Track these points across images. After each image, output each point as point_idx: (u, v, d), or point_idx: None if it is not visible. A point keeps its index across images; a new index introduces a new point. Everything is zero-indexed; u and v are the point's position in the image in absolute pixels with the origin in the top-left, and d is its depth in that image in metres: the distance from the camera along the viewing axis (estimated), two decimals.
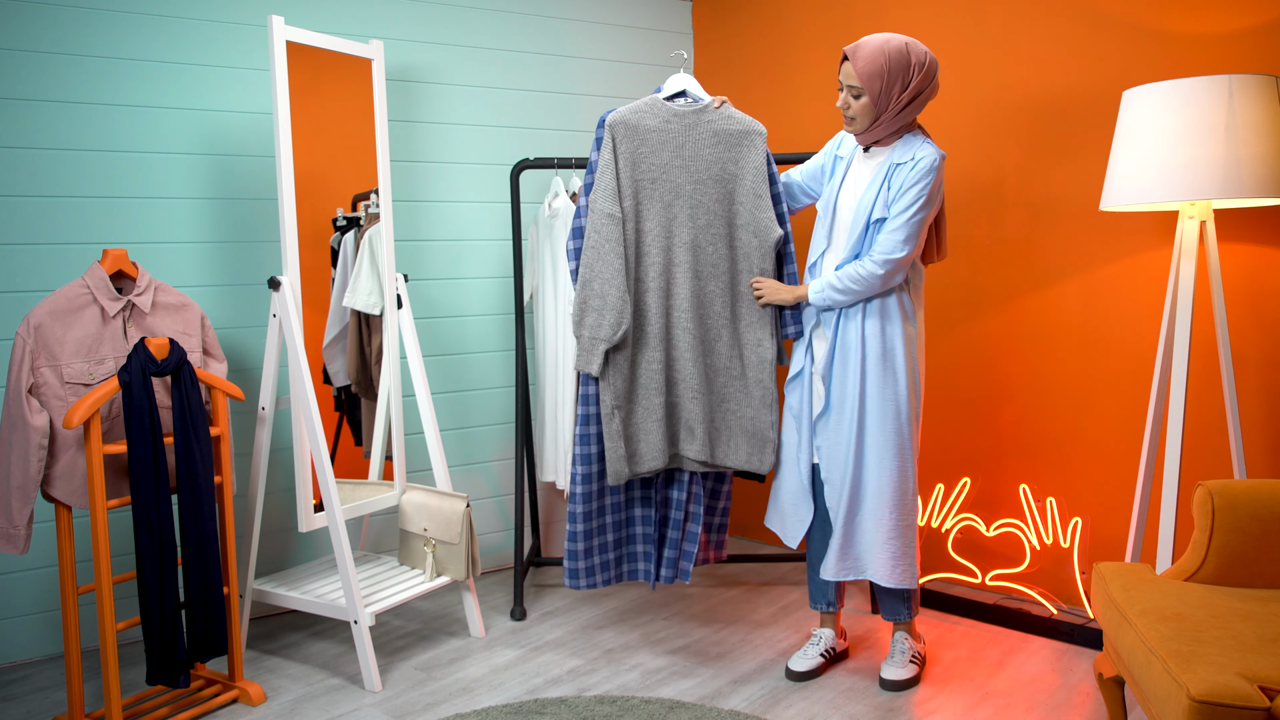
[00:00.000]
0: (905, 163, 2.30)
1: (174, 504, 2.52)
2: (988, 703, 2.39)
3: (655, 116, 2.46)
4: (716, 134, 2.49)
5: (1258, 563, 1.97)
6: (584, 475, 2.48)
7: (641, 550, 2.62)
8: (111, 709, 2.19)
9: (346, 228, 2.85)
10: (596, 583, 2.55)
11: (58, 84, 2.75)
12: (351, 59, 2.77)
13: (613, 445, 2.42)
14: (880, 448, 2.37)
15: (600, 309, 2.41)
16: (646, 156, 2.45)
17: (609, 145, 2.42)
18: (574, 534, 2.50)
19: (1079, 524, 2.80)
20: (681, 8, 3.90)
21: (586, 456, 2.48)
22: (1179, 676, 1.58)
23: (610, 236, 2.40)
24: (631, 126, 2.44)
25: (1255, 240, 2.54)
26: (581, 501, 2.48)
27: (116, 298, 2.34)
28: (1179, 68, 2.62)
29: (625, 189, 2.43)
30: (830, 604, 2.61)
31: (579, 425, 2.48)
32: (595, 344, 2.41)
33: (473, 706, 2.42)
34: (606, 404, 2.42)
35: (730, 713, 2.34)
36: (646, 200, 2.45)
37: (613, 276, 2.40)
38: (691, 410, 2.50)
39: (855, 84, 2.28)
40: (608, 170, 2.42)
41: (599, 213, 2.41)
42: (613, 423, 2.42)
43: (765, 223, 2.50)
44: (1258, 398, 2.56)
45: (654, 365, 2.48)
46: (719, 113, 2.50)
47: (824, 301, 2.40)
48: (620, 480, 2.44)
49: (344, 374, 2.88)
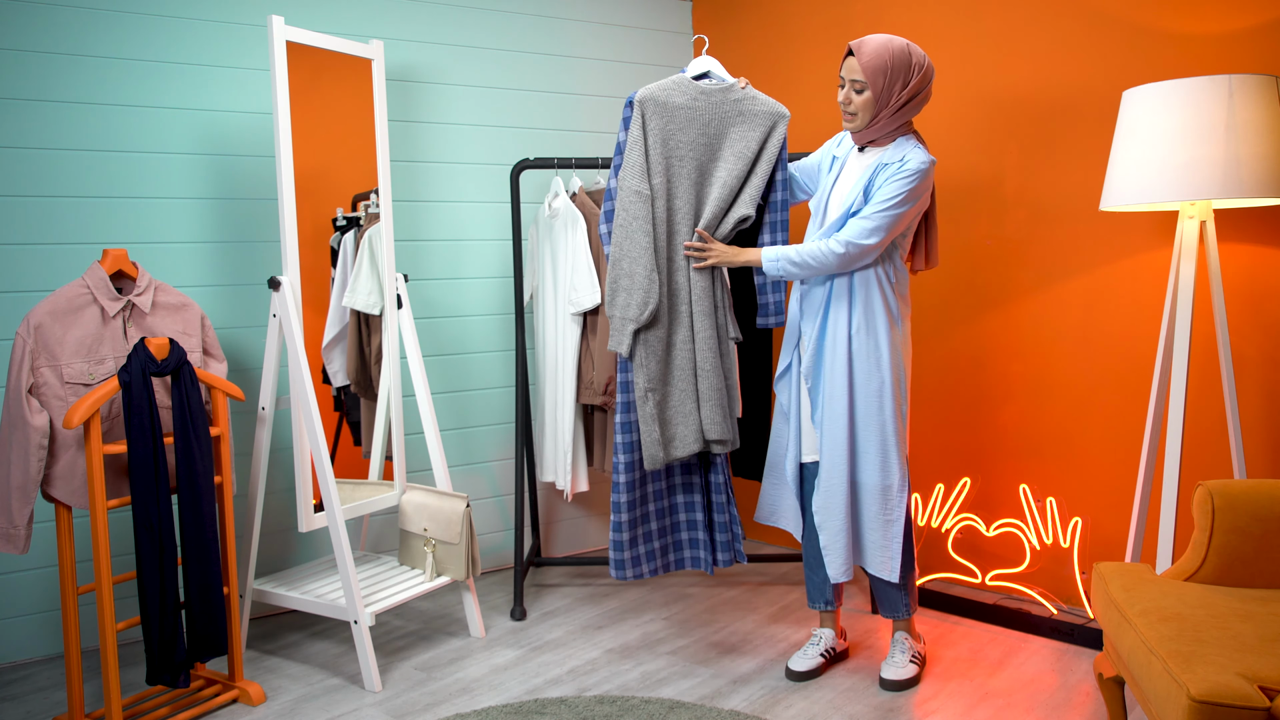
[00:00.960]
0: (893, 163, 2.31)
1: (174, 504, 2.52)
2: (988, 703, 2.39)
3: (683, 94, 2.43)
4: (743, 113, 2.47)
5: (1258, 563, 1.97)
6: (626, 464, 2.44)
7: (687, 538, 2.60)
8: (111, 709, 2.19)
9: (346, 228, 2.85)
10: (643, 572, 2.52)
11: (58, 84, 2.75)
12: (351, 59, 2.77)
13: (647, 429, 2.39)
14: (866, 441, 2.39)
15: (629, 288, 2.37)
16: (675, 134, 2.42)
17: (638, 122, 2.38)
18: (618, 524, 2.46)
19: (1079, 524, 2.80)
20: (681, 8, 3.90)
21: (628, 445, 2.44)
22: (1179, 676, 1.58)
23: (638, 214, 2.36)
24: (661, 103, 2.40)
25: (1255, 240, 2.54)
26: (625, 490, 2.44)
27: (116, 298, 2.34)
28: (1179, 68, 2.62)
29: (655, 166, 2.39)
30: (829, 602, 2.62)
31: (620, 413, 2.44)
32: (625, 324, 2.38)
33: (473, 706, 2.42)
34: (639, 386, 2.39)
35: (730, 713, 2.33)
36: (676, 177, 2.43)
37: (640, 254, 2.36)
38: (704, 388, 2.47)
39: (859, 78, 2.29)
40: (636, 147, 2.37)
41: (627, 190, 2.37)
42: (647, 405, 2.38)
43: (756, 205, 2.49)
44: (1258, 398, 2.56)
45: (687, 346, 2.45)
46: (744, 93, 2.49)
47: (777, 271, 2.39)
48: (656, 465, 2.41)
49: (344, 374, 2.88)
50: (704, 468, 2.59)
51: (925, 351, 3.24)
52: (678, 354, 2.45)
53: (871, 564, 2.44)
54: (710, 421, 2.46)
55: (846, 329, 2.38)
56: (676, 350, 2.45)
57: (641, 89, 2.41)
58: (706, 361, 2.45)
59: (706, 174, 2.46)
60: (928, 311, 3.22)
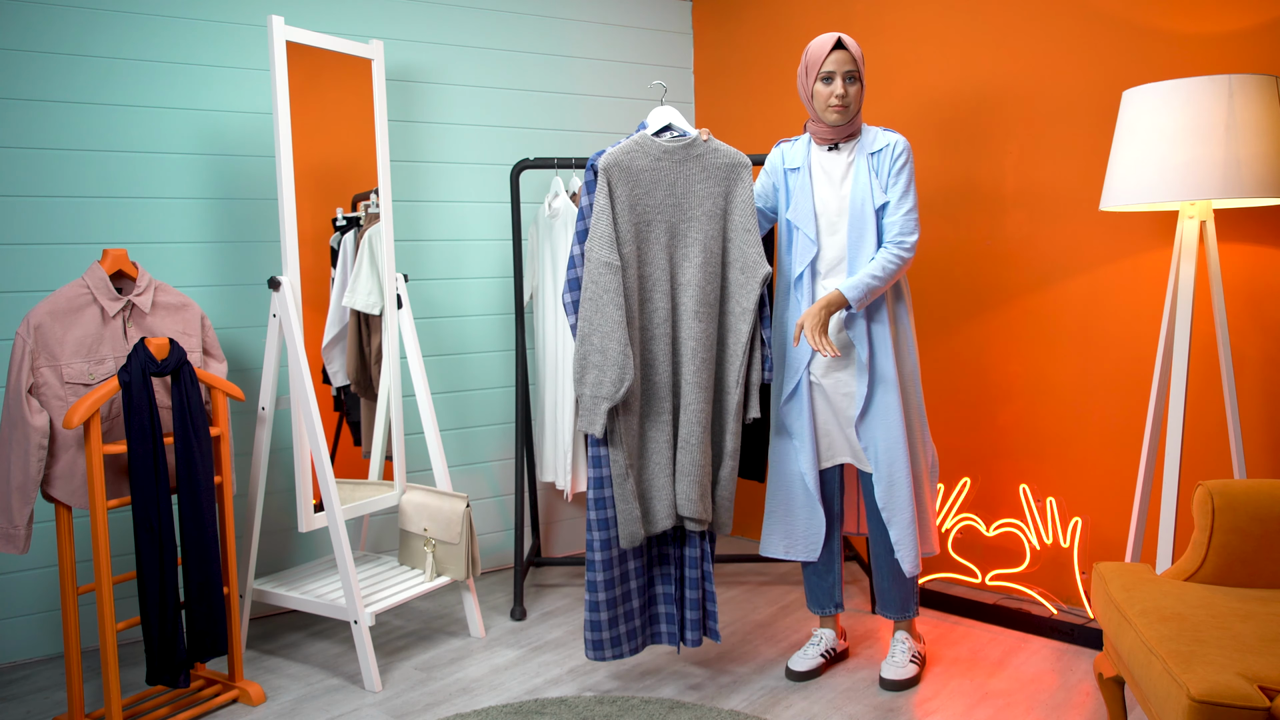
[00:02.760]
0: (883, 149, 2.40)
1: (174, 504, 2.52)
2: (988, 703, 2.39)
3: (646, 155, 2.33)
4: (705, 169, 2.37)
5: (1258, 563, 1.97)
6: (602, 541, 2.33)
7: (664, 612, 2.50)
8: (111, 709, 2.19)
9: (346, 228, 2.85)
10: (623, 652, 2.41)
11: (58, 84, 2.75)
12: (351, 59, 2.77)
13: (626, 508, 2.30)
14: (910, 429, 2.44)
15: (601, 365, 2.25)
16: (642, 198, 2.32)
17: (604, 190, 2.27)
18: (595, 604, 2.35)
19: (1079, 524, 2.80)
20: (681, 8, 3.90)
21: (603, 521, 2.34)
22: (1179, 676, 1.58)
23: (609, 286, 2.24)
24: (625, 168, 2.30)
25: (1255, 240, 2.54)
26: (602, 569, 2.34)
27: (116, 298, 2.34)
28: (1179, 68, 2.62)
29: (624, 234, 2.29)
30: (838, 605, 2.61)
31: (591, 488, 2.34)
32: (598, 402, 2.25)
33: (473, 706, 2.42)
34: (619, 465, 2.28)
35: (730, 713, 2.33)
36: (646, 243, 2.32)
37: (613, 329, 2.24)
38: (684, 462, 2.35)
39: (853, 68, 2.36)
40: (604, 216, 2.26)
41: (596, 261, 2.25)
42: (626, 484, 2.28)
43: (754, 259, 2.37)
44: (1258, 398, 2.56)
45: (664, 417, 2.35)
46: (706, 146, 2.38)
47: (864, 292, 2.33)
48: (635, 543, 2.32)
49: (344, 374, 2.88)
50: (680, 541, 2.48)
51: (926, 351, 3.24)
52: (652, 427, 2.34)
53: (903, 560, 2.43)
54: (685, 498, 2.34)
55: (890, 317, 2.43)
56: (651, 424, 2.35)
57: (605, 155, 2.30)
58: (693, 435, 2.33)
59: (678, 235, 2.36)
60: (928, 311, 3.22)
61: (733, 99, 3.84)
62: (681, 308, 2.37)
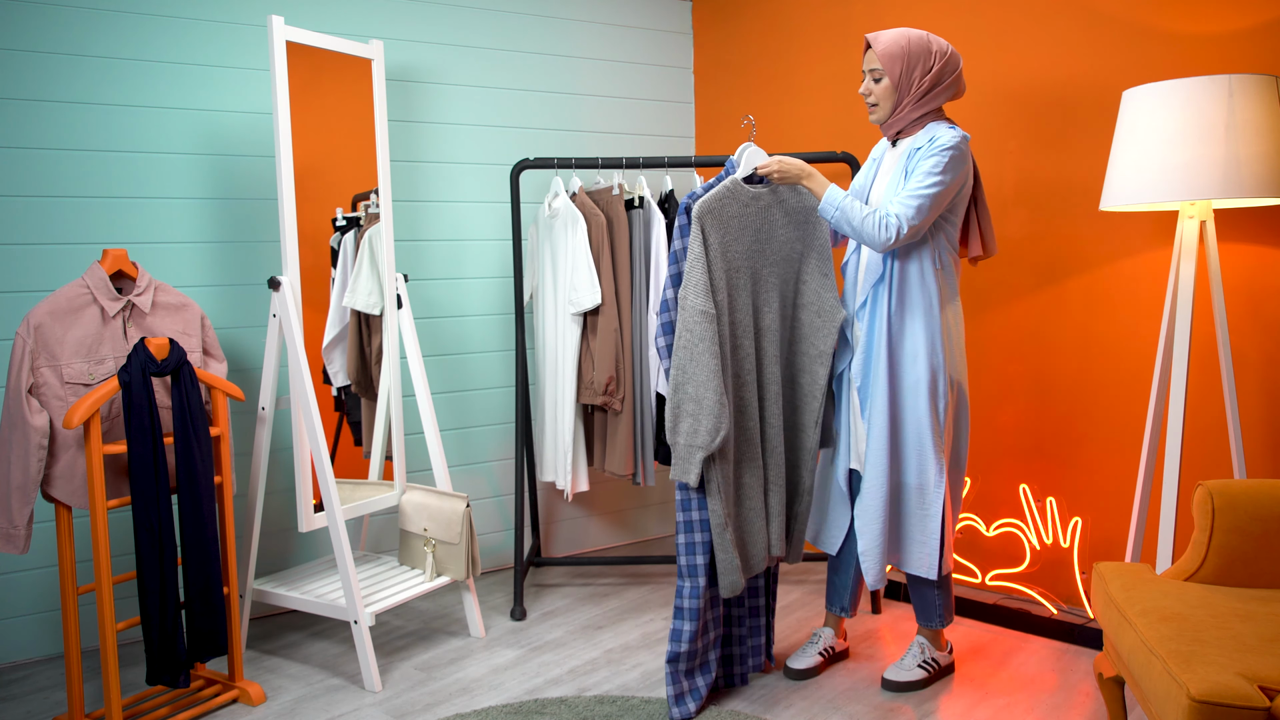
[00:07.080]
0: (924, 145, 2.30)
1: (174, 504, 2.52)
2: (988, 703, 2.39)
3: (736, 201, 2.32)
4: (788, 213, 2.41)
5: (1258, 563, 1.97)
6: (692, 590, 2.28)
7: (737, 652, 2.50)
8: (111, 709, 2.19)
9: (346, 228, 2.85)
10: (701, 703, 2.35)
11: (58, 84, 2.75)
12: (351, 59, 2.77)
13: (726, 558, 2.26)
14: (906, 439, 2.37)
15: (695, 414, 2.21)
16: (731, 245, 2.31)
17: (698, 238, 2.24)
18: (676, 655, 2.29)
19: (1079, 524, 2.80)
20: (681, 8, 3.90)
21: (693, 568, 2.28)
22: (1179, 676, 1.58)
23: (704, 335, 2.21)
24: (717, 215, 2.28)
25: (1255, 240, 2.54)
26: (689, 619, 2.28)
27: (116, 298, 2.34)
28: (1179, 68, 2.62)
29: (718, 282, 2.27)
30: (844, 609, 2.61)
31: (681, 533, 2.28)
32: (693, 451, 2.21)
33: (473, 706, 2.42)
34: (718, 515, 2.24)
35: (730, 712, 2.33)
36: (735, 289, 2.32)
37: (709, 379, 2.20)
38: (774, 504, 2.40)
39: (876, 66, 2.33)
40: (698, 264, 2.23)
41: (691, 309, 2.21)
42: (725, 535, 2.24)
43: (830, 303, 2.41)
44: (1258, 398, 2.56)
45: (756, 462, 2.34)
46: (789, 190, 2.42)
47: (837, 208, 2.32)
48: (735, 591, 2.28)
49: (344, 374, 2.88)
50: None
51: None
52: (746, 473, 2.34)
53: (910, 563, 2.42)
54: (776, 539, 2.40)
55: (886, 324, 2.35)
56: (745, 470, 2.34)
57: (699, 201, 2.26)
58: (779, 476, 2.39)
59: (760, 280, 2.38)
60: None
61: (733, 99, 3.84)
62: (764, 352, 2.39)
